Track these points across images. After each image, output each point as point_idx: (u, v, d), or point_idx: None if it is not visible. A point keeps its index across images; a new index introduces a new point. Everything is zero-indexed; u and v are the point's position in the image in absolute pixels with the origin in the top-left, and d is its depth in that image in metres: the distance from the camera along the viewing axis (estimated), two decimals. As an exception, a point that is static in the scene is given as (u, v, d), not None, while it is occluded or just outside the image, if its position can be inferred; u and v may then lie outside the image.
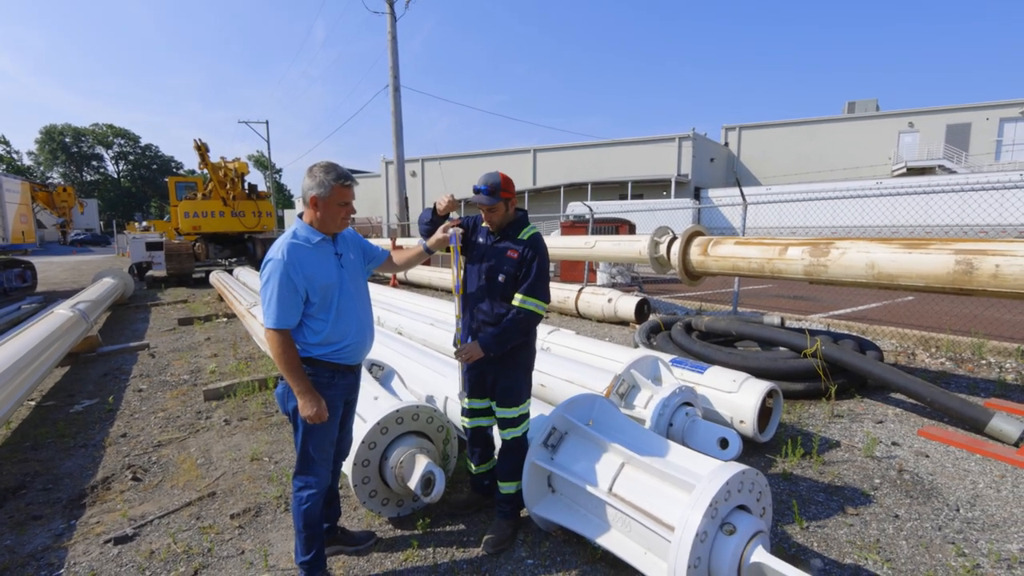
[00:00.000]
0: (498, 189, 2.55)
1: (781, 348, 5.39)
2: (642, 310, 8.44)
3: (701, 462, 2.33)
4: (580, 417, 2.81)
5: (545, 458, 2.70)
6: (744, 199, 8.44)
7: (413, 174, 40.34)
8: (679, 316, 7.43)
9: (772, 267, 5.12)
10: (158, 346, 7.36)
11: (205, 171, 15.50)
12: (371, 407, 3.15)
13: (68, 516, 3.15)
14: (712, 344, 5.54)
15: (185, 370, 6.12)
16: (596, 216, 13.84)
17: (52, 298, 10.71)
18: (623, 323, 8.45)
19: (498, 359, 2.62)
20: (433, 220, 2.70)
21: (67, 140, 64.50)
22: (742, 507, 2.16)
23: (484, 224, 2.71)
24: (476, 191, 2.57)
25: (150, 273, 15.87)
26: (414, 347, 4.76)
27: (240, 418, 4.57)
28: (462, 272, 2.75)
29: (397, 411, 2.94)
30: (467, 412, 2.91)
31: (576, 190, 31.70)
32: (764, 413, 3.82)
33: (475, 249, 2.71)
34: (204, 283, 14.85)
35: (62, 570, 2.65)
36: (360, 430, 2.86)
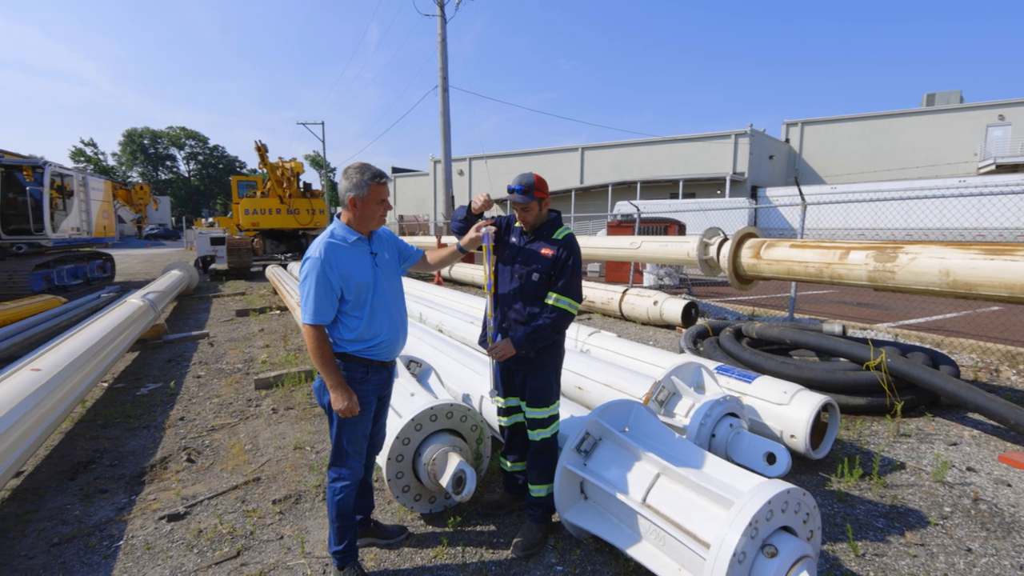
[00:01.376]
0: (532, 188, 2.54)
1: (841, 359, 5.06)
2: (689, 314, 8.15)
3: (742, 477, 2.20)
4: (615, 423, 2.72)
5: (578, 463, 2.63)
6: (803, 199, 7.99)
7: (460, 173, 40.84)
8: (729, 321, 7.13)
9: (831, 272, 4.80)
10: (217, 335, 7.78)
11: (264, 170, 16.29)
12: (407, 403, 3.19)
13: (129, 492, 3.36)
14: (763, 352, 5.28)
15: (239, 359, 6.44)
16: (644, 216, 13.51)
17: (127, 288, 11.55)
18: (669, 327, 8.19)
19: (527, 358, 2.61)
20: (467, 219, 2.70)
21: (145, 142, 69.57)
22: (786, 528, 2.02)
23: (517, 224, 2.70)
24: (510, 190, 2.56)
25: (213, 266, 16.84)
26: (453, 345, 4.78)
27: (287, 407, 4.75)
28: (494, 271, 2.74)
29: (431, 408, 2.95)
30: (503, 411, 2.91)
31: (625, 189, 31.10)
32: (819, 428, 3.58)
33: (508, 249, 2.70)
34: (261, 276, 15.60)
35: (121, 542, 2.83)
36: (395, 425, 2.89)
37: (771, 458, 2.87)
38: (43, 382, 3.52)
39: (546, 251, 2.57)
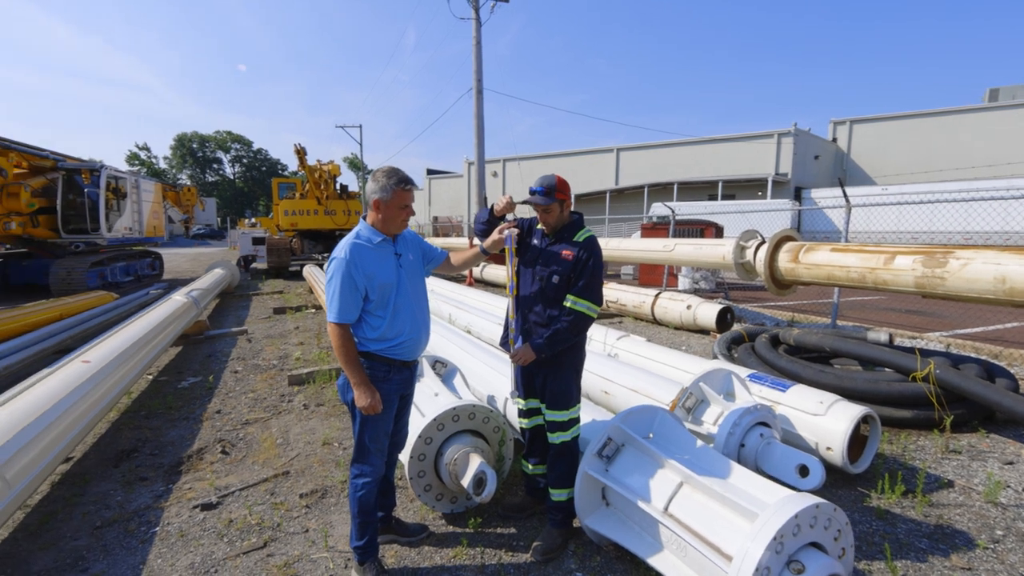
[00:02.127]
0: (553, 190, 2.52)
1: (886, 369, 4.82)
2: (725, 319, 7.93)
3: (769, 489, 2.11)
4: (639, 429, 2.66)
5: (599, 469, 2.59)
6: (847, 200, 7.66)
7: (495, 174, 41.03)
8: (767, 327, 6.89)
9: (875, 278, 4.58)
10: (255, 332, 8.05)
11: (303, 173, 16.78)
12: (430, 403, 3.21)
13: (167, 480, 3.51)
14: (801, 360, 5.07)
15: (275, 355, 6.64)
16: (679, 218, 13.23)
17: (174, 285, 12.10)
18: (703, 332, 7.99)
19: (547, 361, 2.59)
20: (489, 221, 2.70)
21: (194, 146, 72.93)
22: (816, 545, 1.93)
23: (539, 226, 2.68)
24: (532, 192, 2.55)
25: (254, 265, 17.48)
26: (480, 346, 4.79)
27: (317, 404, 4.86)
28: (516, 273, 2.73)
29: (454, 409, 2.96)
30: (524, 413, 2.90)
31: (661, 190, 30.56)
32: (858, 441, 3.42)
33: (529, 251, 2.69)
34: (299, 276, 16.07)
35: (157, 528, 2.95)
36: (417, 425, 2.91)
37: (804, 471, 2.75)
38: (91, 373, 3.72)
39: (566, 253, 2.55)
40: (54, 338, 5.98)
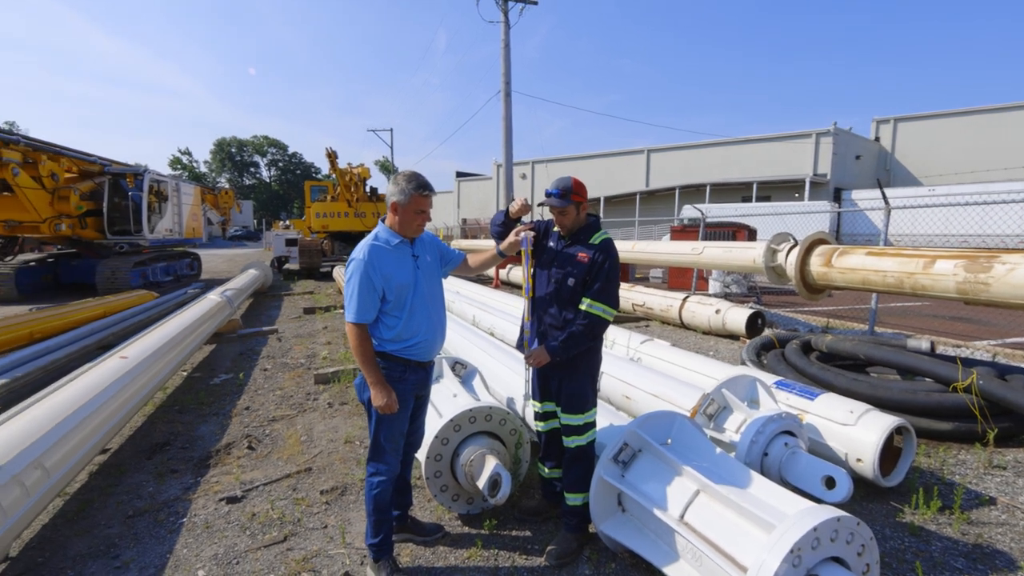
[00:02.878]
0: (569, 192, 2.51)
1: (926, 379, 4.59)
2: (755, 324, 7.71)
3: (789, 500, 2.04)
4: (656, 435, 2.61)
5: (615, 474, 2.55)
6: (887, 202, 7.36)
7: (523, 176, 41.04)
8: (799, 333, 6.67)
9: (914, 283, 4.38)
10: (284, 331, 8.27)
11: (334, 176, 17.17)
12: (448, 404, 3.23)
13: (196, 473, 3.63)
14: (833, 368, 4.89)
15: (303, 354, 6.80)
16: (710, 220, 12.98)
17: (211, 285, 12.53)
18: (732, 337, 7.79)
19: (562, 363, 2.57)
20: (505, 223, 2.70)
21: (232, 150, 75.53)
22: (837, 560, 1.85)
23: (556, 228, 2.67)
24: (547, 194, 2.54)
25: (287, 266, 17.95)
26: (502, 348, 4.80)
27: (341, 402, 4.95)
28: (532, 275, 2.72)
29: (470, 410, 2.97)
30: (539, 416, 2.88)
31: (693, 192, 29.99)
32: (891, 454, 3.27)
33: (545, 253, 2.68)
34: (329, 277, 16.41)
35: (184, 519, 3.06)
36: (434, 425, 2.93)
37: (830, 482, 2.64)
38: (128, 369, 3.89)
39: (582, 256, 2.53)
40: (97, 335, 6.28)
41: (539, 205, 2.63)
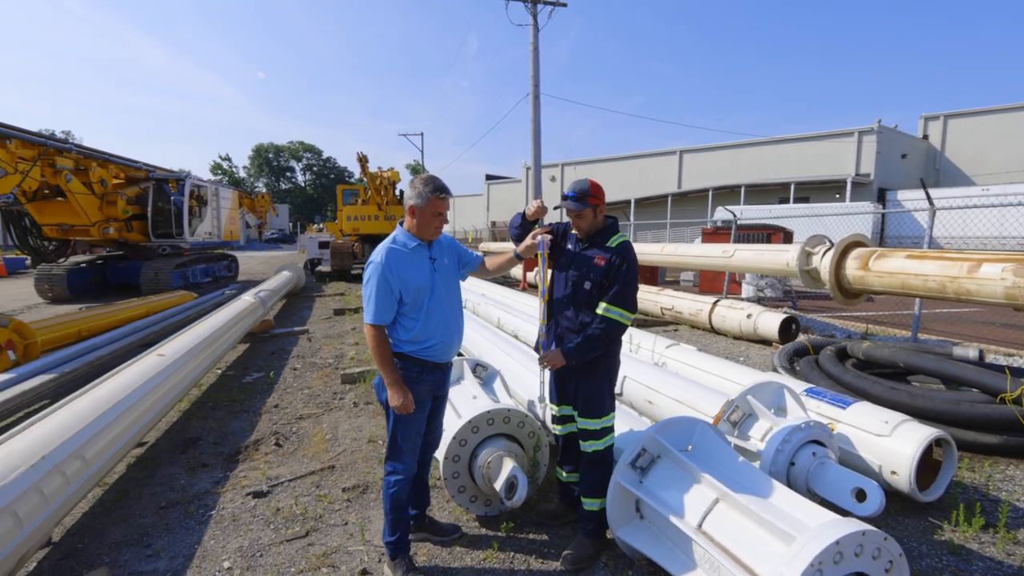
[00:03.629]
0: (586, 195, 2.49)
1: (972, 389, 4.35)
2: (788, 329, 7.48)
3: (812, 512, 1.96)
4: (676, 442, 2.56)
5: (632, 480, 2.51)
6: (931, 202, 7.02)
7: (553, 179, 40.93)
8: (836, 339, 6.42)
9: (957, 288, 4.16)
10: (315, 332, 8.47)
11: (365, 180, 17.51)
12: (468, 405, 3.25)
13: (225, 468, 3.75)
14: (870, 376, 4.68)
15: (331, 355, 6.95)
16: (743, 222, 12.64)
17: (247, 286, 12.95)
18: (765, 343, 7.57)
19: (579, 367, 2.55)
20: (523, 226, 2.70)
21: (270, 156, 78.08)
22: (861, 575, 1.77)
23: (574, 231, 2.65)
24: (564, 197, 2.52)
25: (319, 268, 18.39)
26: (525, 351, 4.79)
27: (366, 402, 5.03)
28: (549, 278, 2.71)
29: (488, 412, 2.97)
30: (557, 419, 2.86)
31: (727, 193, 29.29)
32: (930, 467, 3.11)
33: (563, 255, 2.66)
34: (360, 279, 16.71)
35: (213, 511, 3.16)
36: (453, 426, 2.95)
37: (860, 495, 2.53)
38: (164, 366, 4.05)
39: (599, 259, 2.51)
40: (139, 333, 6.57)
41: (555, 208, 2.62)
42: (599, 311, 2.48)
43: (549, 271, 2.75)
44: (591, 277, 2.51)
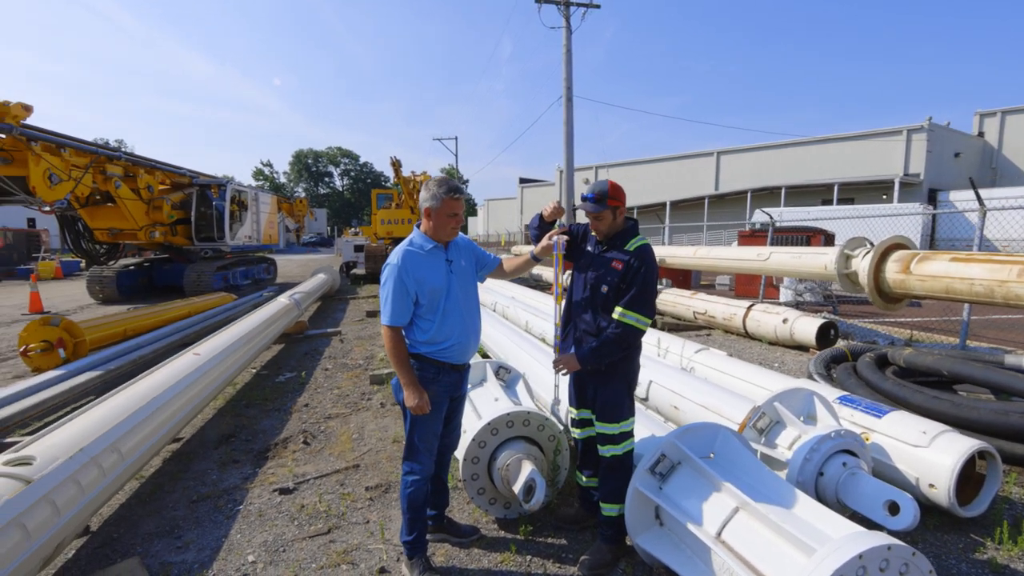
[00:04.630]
0: (605, 197, 2.46)
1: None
2: (827, 335, 7.19)
3: (836, 524, 1.88)
4: (697, 448, 2.49)
5: (651, 487, 2.46)
6: (981, 202, 6.63)
7: (586, 182, 40.65)
8: (878, 346, 6.14)
9: (1006, 292, 3.92)
10: (347, 333, 8.66)
11: (399, 184, 17.84)
12: (489, 407, 3.25)
13: (255, 464, 3.87)
14: (912, 384, 4.45)
15: (362, 356, 7.09)
16: (781, 224, 12.26)
17: (285, 288, 13.36)
18: (802, 348, 7.30)
19: (597, 371, 2.52)
20: (541, 226, 2.69)
21: (309, 161, 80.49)
22: (889, 594, 1.68)
23: (593, 232, 2.62)
24: (583, 198, 2.50)
25: (354, 271, 18.81)
26: (551, 354, 4.76)
27: (393, 403, 5.11)
28: (566, 280, 2.69)
29: (508, 414, 2.97)
30: (576, 423, 2.84)
31: (766, 195, 28.43)
32: (973, 481, 2.94)
33: (582, 257, 2.64)
34: (393, 282, 17.01)
35: (241, 506, 3.27)
36: (473, 427, 2.96)
37: (894, 508, 2.40)
38: (199, 364, 4.22)
39: (617, 262, 2.48)
40: (180, 333, 6.86)
41: (575, 209, 2.60)
42: (615, 315, 2.45)
43: (565, 273, 2.73)
44: (608, 280, 2.48)
